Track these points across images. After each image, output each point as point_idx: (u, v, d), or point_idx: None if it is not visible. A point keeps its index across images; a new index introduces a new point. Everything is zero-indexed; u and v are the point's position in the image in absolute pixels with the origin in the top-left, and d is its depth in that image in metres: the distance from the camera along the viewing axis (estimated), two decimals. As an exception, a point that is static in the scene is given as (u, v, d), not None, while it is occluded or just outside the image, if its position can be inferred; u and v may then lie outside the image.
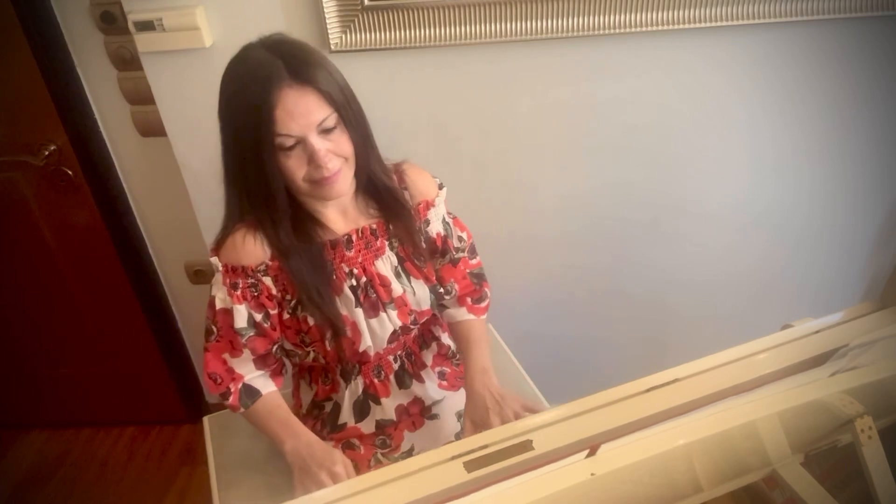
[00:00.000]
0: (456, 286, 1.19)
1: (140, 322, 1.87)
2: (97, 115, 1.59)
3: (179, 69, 1.36)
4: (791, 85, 1.39)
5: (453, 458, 0.66)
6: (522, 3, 1.27)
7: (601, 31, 1.29)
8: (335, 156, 0.95)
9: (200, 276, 1.83)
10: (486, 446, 0.67)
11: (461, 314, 1.21)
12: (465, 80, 1.38)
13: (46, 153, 1.56)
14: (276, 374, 1.13)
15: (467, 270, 1.20)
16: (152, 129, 1.56)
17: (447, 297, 1.20)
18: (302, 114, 0.90)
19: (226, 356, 1.06)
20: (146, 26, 1.29)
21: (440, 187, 1.16)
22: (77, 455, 2.06)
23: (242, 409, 1.07)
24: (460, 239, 1.19)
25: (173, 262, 1.84)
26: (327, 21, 1.28)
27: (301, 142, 0.93)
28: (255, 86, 0.90)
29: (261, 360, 1.08)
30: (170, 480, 1.95)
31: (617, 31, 1.29)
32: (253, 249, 1.01)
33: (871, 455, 0.75)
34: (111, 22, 1.42)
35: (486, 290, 1.23)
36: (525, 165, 1.51)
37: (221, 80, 0.95)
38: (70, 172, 1.59)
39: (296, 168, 0.94)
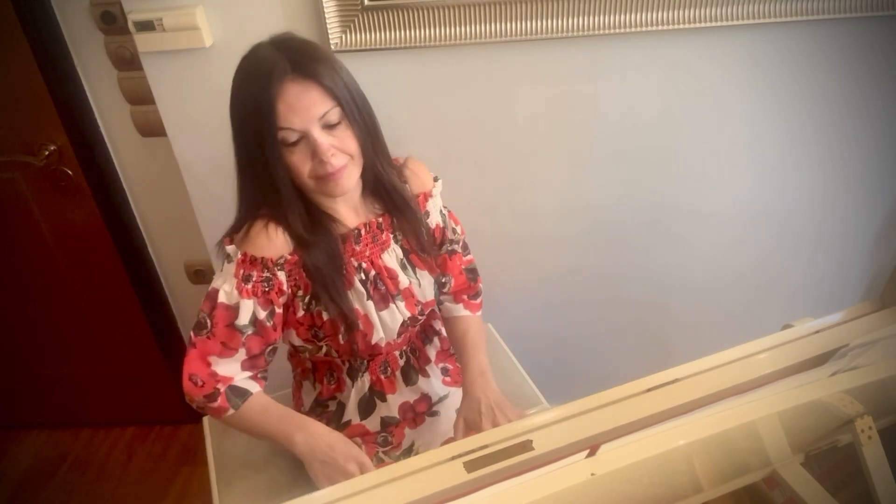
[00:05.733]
0: (452, 280, 1.20)
1: (140, 322, 1.87)
2: (97, 115, 1.59)
3: (179, 69, 1.36)
4: (791, 85, 1.39)
5: (453, 458, 0.66)
6: (522, 3, 1.27)
7: (601, 31, 1.29)
8: (339, 152, 0.95)
9: (200, 276, 1.83)
10: (486, 446, 0.67)
11: (458, 310, 1.23)
12: (465, 80, 1.38)
13: (46, 153, 1.56)
14: (262, 378, 1.08)
15: (462, 267, 1.22)
16: (152, 129, 1.56)
17: (444, 291, 1.21)
18: (304, 107, 0.91)
19: (211, 358, 1.00)
20: (146, 26, 1.29)
21: (435, 179, 1.17)
22: (77, 455, 2.06)
23: (232, 411, 1.02)
24: (454, 231, 1.21)
25: (173, 262, 1.84)
26: (327, 21, 1.28)
27: (304, 136, 0.93)
28: (257, 80, 0.91)
29: (250, 362, 1.03)
30: (170, 480, 1.95)
31: (617, 31, 1.29)
32: (276, 241, 0.99)
33: (871, 455, 0.75)
34: (111, 22, 1.42)
35: (480, 285, 1.25)
36: (525, 166, 1.51)
37: (233, 77, 0.97)
38: (70, 172, 1.59)
39: (300, 163, 0.95)
